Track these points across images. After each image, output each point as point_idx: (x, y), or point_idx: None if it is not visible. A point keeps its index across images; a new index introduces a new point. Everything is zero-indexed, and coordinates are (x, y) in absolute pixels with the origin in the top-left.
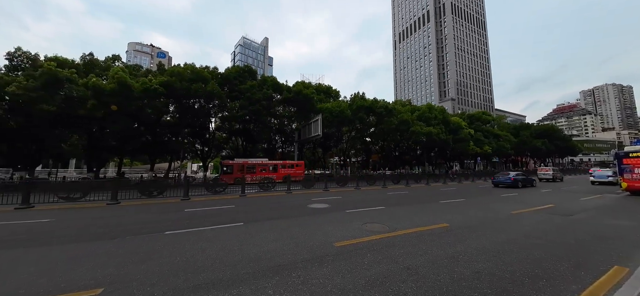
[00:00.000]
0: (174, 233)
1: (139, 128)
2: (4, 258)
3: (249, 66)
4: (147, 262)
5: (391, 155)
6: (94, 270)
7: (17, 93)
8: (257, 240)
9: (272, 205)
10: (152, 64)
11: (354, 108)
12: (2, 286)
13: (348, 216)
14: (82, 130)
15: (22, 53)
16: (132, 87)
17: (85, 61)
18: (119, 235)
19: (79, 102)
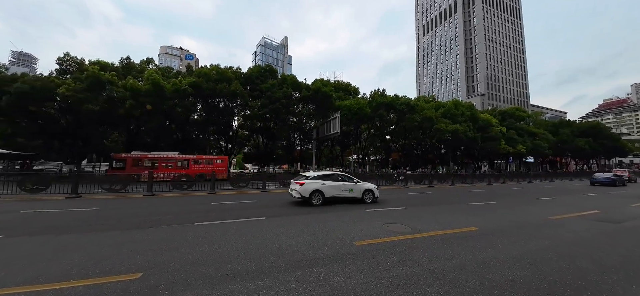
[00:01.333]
0: (203, 224)
1: (170, 126)
2: (59, 242)
3: (270, 65)
4: (179, 250)
5: (412, 154)
6: (133, 255)
7: (67, 95)
8: (279, 234)
9: (291, 201)
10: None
11: (373, 106)
12: (59, 267)
13: (368, 215)
14: (122, 127)
15: (70, 58)
16: (164, 88)
17: (123, 64)
18: (154, 224)
19: (118, 102)
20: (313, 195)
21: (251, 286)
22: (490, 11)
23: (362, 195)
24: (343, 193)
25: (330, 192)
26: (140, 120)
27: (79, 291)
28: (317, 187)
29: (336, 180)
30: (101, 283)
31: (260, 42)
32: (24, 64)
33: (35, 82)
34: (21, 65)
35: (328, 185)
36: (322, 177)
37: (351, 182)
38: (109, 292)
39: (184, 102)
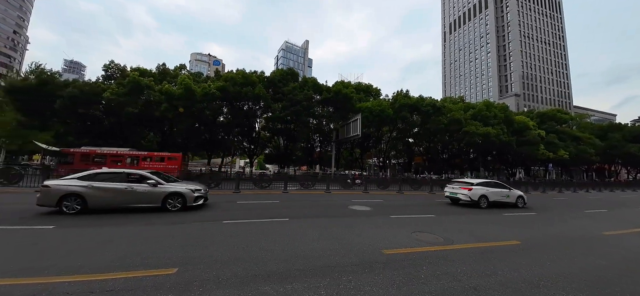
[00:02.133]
0: (231, 222)
1: (200, 127)
2: (102, 234)
3: (291, 69)
4: (210, 248)
5: (438, 158)
6: (169, 250)
7: (110, 99)
8: (303, 237)
9: (312, 203)
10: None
11: (396, 107)
12: (102, 258)
13: (393, 222)
14: (157, 128)
15: (114, 65)
16: (195, 92)
17: (159, 70)
18: (186, 221)
19: (154, 105)
20: (480, 199)
21: (281, 290)
22: (526, 5)
23: (516, 200)
24: (502, 198)
25: (493, 197)
26: (173, 122)
27: (120, 283)
28: (483, 193)
29: (496, 187)
30: (141, 276)
31: (282, 46)
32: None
33: (84, 87)
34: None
35: (491, 191)
36: (484, 184)
37: (506, 190)
38: (148, 286)
39: (212, 105)
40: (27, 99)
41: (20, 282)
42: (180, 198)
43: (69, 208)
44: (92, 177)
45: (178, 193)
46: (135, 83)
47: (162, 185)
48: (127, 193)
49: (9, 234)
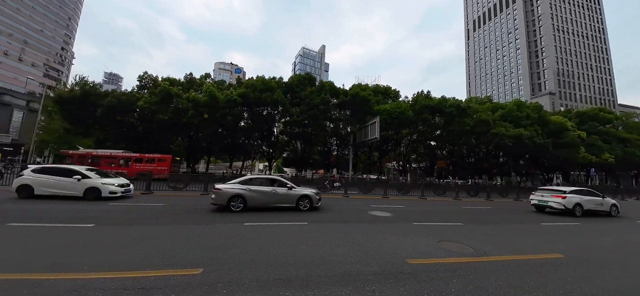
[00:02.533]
0: (252, 224)
1: (222, 132)
2: (136, 233)
3: (309, 74)
4: (232, 249)
5: (463, 162)
6: (194, 250)
7: (144, 107)
8: (323, 242)
9: (330, 207)
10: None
11: (416, 109)
12: (135, 255)
13: (417, 229)
14: (184, 134)
15: (147, 76)
16: (218, 99)
17: (187, 79)
18: (211, 222)
19: (182, 112)
20: (575, 207)
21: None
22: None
23: (610, 208)
24: (597, 207)
25: (587, 205)
26: (198, 127)
27: (151, 281)
28: (577, 201)
29: (589, 195)
30: (169, 275)
31: (299, 52)
32: (113, 82)
33: (121, 97)
34: (111, 83)
35: (586, 199)
36: (578, 192)
37: (600, 197)
38: (176, 285)
39: (234, 111)
40: (73, 109)
41: (64, 277)
42: (308, 199)
43: (235, 207)
44: (248, 182)
45: (306, 195)
46: (165, 92)
47: (295, 188)
48: (272, 195)
49: (62, 231)
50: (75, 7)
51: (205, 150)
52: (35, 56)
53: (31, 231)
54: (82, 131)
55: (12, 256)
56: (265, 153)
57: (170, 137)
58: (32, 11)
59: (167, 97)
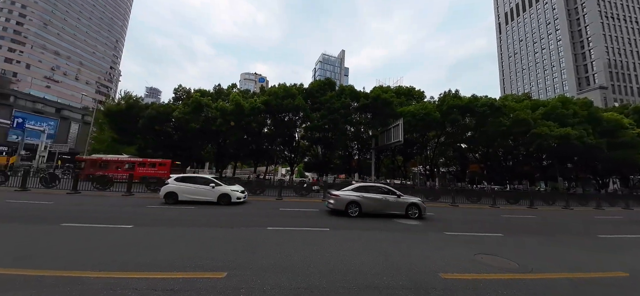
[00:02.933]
0: (274, 229)
1: (247, 139)
2: (169, 234)
3: (328, 79)
4: (256, 253)
5: (499, 166)
6: (219, 253)
7: (178, 117)
8: (346, 250)
9: None
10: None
11: (444, 109)
12: (166, 256)
13: (450, 240)
14: (214, 141)
15: (181, 88)
16: (243, 107)
17: (215, 90)
18: (235, 225)
19: (211, 121)
20: None
21: None
22: None
23: None
24: None
25: None
26: (226, 135)
27: (179, 282)
28: None
29: None
30: (195, 278)
31: (319, 58)
32: (153, 95)
33: (159, 109)
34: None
35: None
36: None
37: None
38: (201, 288)
39: (258, 118)
40: (119, 120)
41: (103, 276)
42: (416, 208)
43: (352, 212)
44: (361, 190)
45: (415, 204)
46: (197, 103)
47: (403, 197)
48: (384, 202)
49: (99, 232)
50: (122, 31)
51: (232, 155)
52: (89, 75)
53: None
54: (127, 140)
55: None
56: (287, 158)
57: (201, 144)
58: (86, 36)
59: (199, 107)
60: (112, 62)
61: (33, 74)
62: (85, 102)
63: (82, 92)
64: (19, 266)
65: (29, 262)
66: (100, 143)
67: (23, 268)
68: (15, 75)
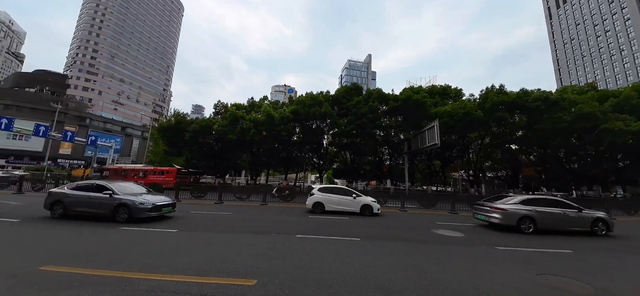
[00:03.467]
0: (303, 237)
1: (278, 147)
2: (206, 238)
3: (355, 84)
4: (286, 261)
5: (560, 169)
6: (250, 259)
7: (218, 129)
8: (377, 263)
9: (385, 222)
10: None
11: (487, 107)
12: (201, 260)
13: (502, 256)
14: (248, 150)
15: (220, 104)
16: (274, 117)
17: (249, 103)
18: (267, 232)
19: (246, 131)
20: None
21: None
22: None
23: None
24: None
25: None
26: (259, 144)
27: (213, 287)
28: None
29: None
30: (227, 284)
31: (345, 65)
32: (198, 112)
33: (202, 123)
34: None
35: None
36: None
37: None
38: (231, 295)
39: (287, 127)
40: (169, 135)
41: (144, 277)
42: (603, 223)
43: (525, 228)
44: (531, 202)
45: (601, 219)
46: (233, 116)
47: (585, 211)
48: (563, 217)
49: (144, 235)
50: (172, 57)
51: (265, 163)
52: (147, 97)
53: None
54: (176, 152)
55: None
56: (315, 165)
57: (238, 153)
58: (144, 64)
59: (235, 119)
60: (165, 85)
61: (103, 98)
62: (144, 121)
63: (141, 112)
64: (78, 265)
65: (88, 262)
66: (155, 155)
67: (81, 267)
68: (90, 101)
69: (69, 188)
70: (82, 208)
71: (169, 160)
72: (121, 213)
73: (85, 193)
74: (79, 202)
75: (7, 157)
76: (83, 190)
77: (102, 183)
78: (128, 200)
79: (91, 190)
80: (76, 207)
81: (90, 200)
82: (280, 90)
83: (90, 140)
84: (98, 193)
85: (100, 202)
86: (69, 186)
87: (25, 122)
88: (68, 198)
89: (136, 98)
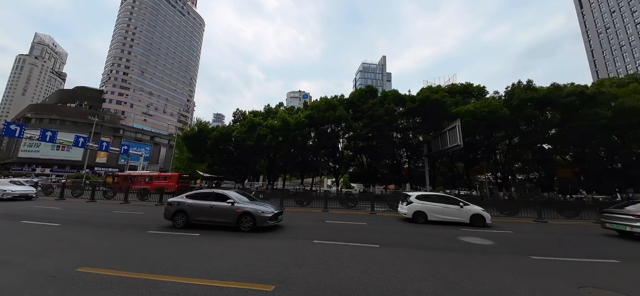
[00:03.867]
0: (321, 242)
1: (294, 152)
2: (227, 244)
3: (369, 86)
4: (302, 268)
5: (601, 170)
6: (269, 265)
7: (237, 136)
8: (400, 272)
9: (406, 228)
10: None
11: (513, 104)
12: (223, 265)
13: (538, 266)
14: (265, 156)
15: (239, 112)
16: (289, 123)
17: (265, 110)
18: (284, 238)
19: (263, 137)
20: None
21: None
22: None
23: None
24: None
25: None
26: (275, 149)
27: (232, 292)
28: None
29: None
30: (245, 289)
31: (359, 68)
32: (218, 120)
33: (222, 130)
34: (217, 121)
35: None
36: None
37: None
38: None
39: (302, 132)
40: (193, 143)
41: (170, 279)
42: None
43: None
44: None
45: None
46: (251, 123)
47: None
48: None
49: (169, 239)
50: (195, 70)
51: (282, 168)
52: (172, 108)
53: None
54: (199, 159)
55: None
56: (332, 169)
57: (256, 159)
58: (170, 77)
59: (252, 126)
60: (188, 96)
61: (134, 111)
62: (170, 130)
63: (167, 122)
64: (110, 267)
65: (118, 264)
66: (180, 162)
67: (113, 269)
68: (123, 113)
69: (187, 197)
70: (205, 218)
71: (193, 166)
72: (245, 223)
73: (207, 203)
74: (201, 211)
75: (51, 166)
76: (202, 198)
77: (220, 191)
78: (251, 209)
79: (210, 198)
80: (198, 216)
81: (213, 210)
82: (295, 96)
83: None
84: (222, 203)
85: (226, 211)
86: (187, 195)
87: (67, 134)
88: (191, 208)
89: (163, 110)
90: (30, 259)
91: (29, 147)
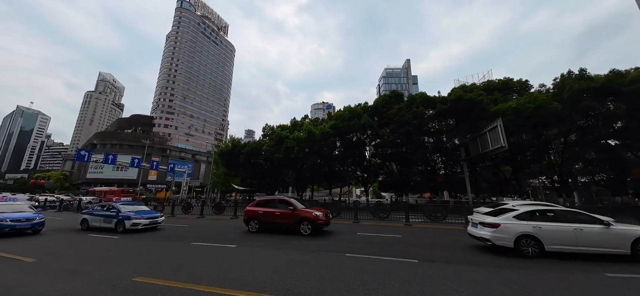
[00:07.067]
0: (353, 256)
1: (320, 162)
2: (262, 254)
3: (394, 91)
4: (337, 283)
5: None
6: (303, 278)
7: (266, 150)
8: (443, 292)
9: (447, 241)
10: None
11: (565, 97)
12: (259, 275)
13: (619, 284)
14: (293, 167)
15: (267, 127)
16: (314, 134)
17: (291, 123)
18: (318, 249)
19: (290, 150)
20: None
21: None
22: None
23: None
24: None
25: None
26: (302, 160)
27: None
28: None
29: None
30: None
31: (382, 74)
32: (250, 136)
33: (253, 145)
34: (248, 137)
35: None
36: None
37: None
38: None
39: (328, 142)
40: (227, 158)
41: (212, 290)
42: None
43: None
44: None
45: None
46: (278, 137)
47: None
48: None
49: (215, 251)
50: (228, 91)
51: (309, 179)
52: (210, 128)
53: None
54: (233, 173)
55: None
56: (359, 179)
57: (284, 171)
58: (207, 101)
59: (280, 140)
60: (223, 116)
61: (178, 133)
62: (208, 148)
63: (206, 140)
64: (160, 277)
65: (169, 274)
66: (217, 176)
67: (164, 279)
68: (169, 135)
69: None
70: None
71: (229, 180)
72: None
73: (273, 210)
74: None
75: (111, 185)
76: (270, 205)
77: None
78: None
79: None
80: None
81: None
82: (319, 108)
83: (170, 168)
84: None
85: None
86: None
87: (125, 156)
88: None
89: (202, 130)
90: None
91: (94, 169)
